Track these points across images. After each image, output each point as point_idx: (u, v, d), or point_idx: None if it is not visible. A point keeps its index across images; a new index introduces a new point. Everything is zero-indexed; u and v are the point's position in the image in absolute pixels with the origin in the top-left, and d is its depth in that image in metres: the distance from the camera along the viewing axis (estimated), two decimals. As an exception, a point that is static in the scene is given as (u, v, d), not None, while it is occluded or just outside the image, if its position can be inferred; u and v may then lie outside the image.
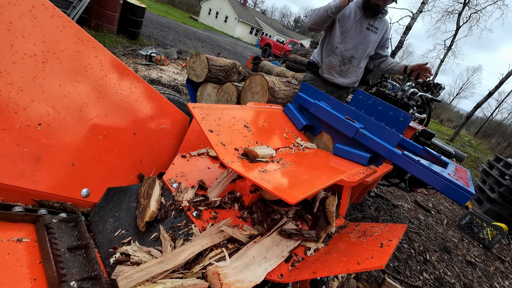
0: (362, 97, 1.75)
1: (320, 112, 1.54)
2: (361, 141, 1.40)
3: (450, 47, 20.33)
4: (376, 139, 1.37)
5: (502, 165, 5.37)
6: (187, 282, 0.77)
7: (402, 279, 2.36)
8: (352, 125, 1.41)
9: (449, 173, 1.20)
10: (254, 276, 0.83)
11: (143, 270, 0.75)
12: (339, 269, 0.90)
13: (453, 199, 1.08)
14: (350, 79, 2.52)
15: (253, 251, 0.91)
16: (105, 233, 0.91)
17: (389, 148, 1.33)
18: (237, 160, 1.03)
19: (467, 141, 18.04)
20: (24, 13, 0.84)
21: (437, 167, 1.24)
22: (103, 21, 6.28)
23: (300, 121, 1.57)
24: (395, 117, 1.61)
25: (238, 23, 38.94)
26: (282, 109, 1.67)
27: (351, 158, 1.38)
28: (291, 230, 1.05)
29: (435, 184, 1.14)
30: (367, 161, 1.34)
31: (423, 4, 10.66)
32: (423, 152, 1.57)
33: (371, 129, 1.44)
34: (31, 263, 0.72)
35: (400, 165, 1.26)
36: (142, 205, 1.00)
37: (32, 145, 0.84)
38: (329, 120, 1.51)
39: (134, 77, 1.15)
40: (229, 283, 0.76)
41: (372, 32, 2.38)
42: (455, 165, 1.52)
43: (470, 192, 1.06)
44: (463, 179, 1.23)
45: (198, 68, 2.04)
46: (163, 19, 17.39)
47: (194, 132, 1.36)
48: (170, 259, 0.81)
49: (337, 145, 1.45)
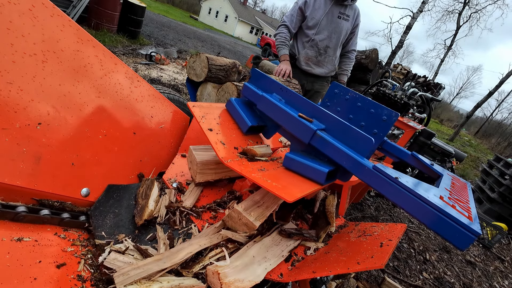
0: (338, 91, 1.41)
1: (268, 108, 1.12)
2: (319, 148, 0.97)
3: (450, 47, 20.32)
4: (337, 144, 0.93)
5: (502, 165, 5.37)
6: (185, 282, 0.76)
7: (402, 279, 2.36)
8: (306, 125, 0.99)
9: (442, 196, 0.82)
10: (254, 276, 0.82)
11: (141, 267, 0.75)
12: (339, 268, 0.90)
13: (448, 240, 0.71)
14: (328, 68, 2.62)
15: (253, 251, 0.91)
16: (105, 228, 0.91)
17: (354, 158, 0.89)
18: (236, 159, 1.03)
19: (467, 140, 18.03)
20: (24, 12, 0.84)
21: (424, 185, 0.88)
22: (103, 20, 6.28)
23: (245, 122, 1.15)
24: (376, 115, 1.27)
25: (238, 22, 38.91)
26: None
27: (303, 173, 0.98)
28: (291, 230, 1.05)
29: (421, 216, 0.76)
30: (324, 178, 0.92)
31: (423, 4, 10.66)
32: (412, 159, 1.29)
33: (335, 131, 1.01)
34: (31, 263, 0.72)
35: (369, 184, 0.86)
36: (140, 205, 1.00)
37: (32, 144, 0.84)
38: (278, 119, 1.09)
39: (134, 76, 1.15)
40: (229, 282, 0.75)
41: (344, 20, 2.43)
42: (451, 178, 1.17)
43: (473, 232, 0.68)
44: (462, 204, 0.86)
45: (198, 68, 2.04)
46: (163, 18, 17.38)
47: (194, 132, 1.36)
48: (168, 258, 0.81)
49: (288, 155, 1.01)
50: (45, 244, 0.79)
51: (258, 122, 1.19)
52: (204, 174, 1.11)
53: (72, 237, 0.87)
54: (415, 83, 9.51)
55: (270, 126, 1.23)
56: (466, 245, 0.69)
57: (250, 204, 0.98)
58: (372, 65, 7.37)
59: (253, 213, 0.94)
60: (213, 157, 1.12)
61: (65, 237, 0.85)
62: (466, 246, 0.70)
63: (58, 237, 0.83)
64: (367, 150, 0.93)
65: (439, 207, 0.73)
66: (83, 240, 0.88)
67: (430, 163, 1.20)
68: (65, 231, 0.87)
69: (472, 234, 0.68)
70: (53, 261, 0.75)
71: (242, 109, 1.19)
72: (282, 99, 1.16)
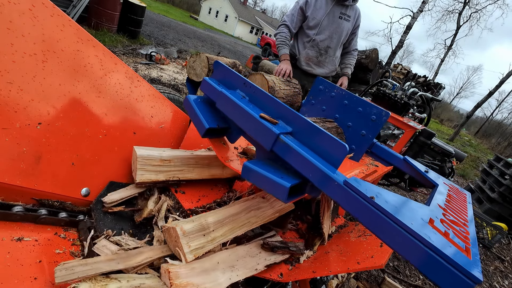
0: (323, 87, 1.27)
1: (227, 107, 0.91)
2: (281, 156, 0.77)
3: (450, 47, 20.31)
4: (302, 152, 0.72)
5: (502, 165, 5.38)
6: (147, 282, 0.70)
7: (401, 279, 2.36)
8: (268, 128, 0.78)
9: (433, 219, 0.65)
10: (214, 283, 0.74)
11: (89, 264, 0.69)
12: (338, 268, 0.90)
13: (440, 287, 0.51)
14: (328, 69, 2.62)
15: (219, 257, 0.83)
16: (106, 222, 0.92)
17: (321, 169, 0.68)
18: (236, 159, 1.03)
19: (467, 140, 18.03)
20: (24, 12, 0.84)
21: (411, 204, 0.70)
22: (103, 20, 6.27)
23: (202, 124, 0.94)
24: (365, 114, 1.13)
25: (238, 22, 38.90)
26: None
27: (263, 188, 0.76)
28: (275, 243, 0.95)
29: (403, 251, 0.56)
30: (286, 195, 0.70)
31: (423, 4, 10.65)
32: (404, 165, 1.15)
33: (304, 135, 0.80)
34: (31, 263, 0.72)
35: (339, 203, 0.66)
36: (139, 205, 1.01)
37: (32, 144, 0.84)
38: (237, 119, 0.88)
39: (134, 76, 1.15)
40: (180, 284, 0.69)
41: (345, 21, 2.43)
42: (448, 189, 0.99)
43: (472, 277, 0.48)
44: (458, 228, 0.69)
45: (198, 68, 2.04)
46: (163, 18, 17.37)
47: (195, 132, 1.36)
48: (123, 259, 0.75)
49: (246, 164, 0.78)
50: (45, 244, 0.79)
51: (219, 124, 0.98)
52: (145, 171, 0.98)
53: (72, 236, 0.87)
54: (415, 83, 9.51)
55: (233, 129, 1.01)
56: None
57: (196, 229, 0.82)
58: (372, 65, 7.36)
59: (192, 243, 0.79)
60: (158, 154, 1.02)
61: (65, 237, 0.85)
62: None
63: (58, 237, 0.84)
64: (340, 160, 0.73)
65: (425, 240, 0.53)
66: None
67: (424, 169, 1.07)
68: (65, 231, 0.87)
69: (470, 280, 0.49)
70: (53, 261, 0.75)
71: (201, 108, 0.99)
72: (245, 97, 0.95)
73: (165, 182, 1.04)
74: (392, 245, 0.58)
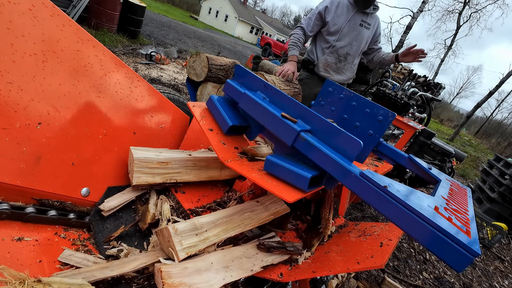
0: (333, 89, 1.34)
1: (250, 107, 1.03)
2: (302, 151, 0.88)
3: (450, 47, 20.32)
4: (322, 148, 0.84)
5: (502, 165, 5.38)
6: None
7: (402, 279, 2.36)
8: (290, 126, 0.90)
9: (438, 206, 0.74)
10: (207, 284, 0.74)
11: (82, 273, 0.69)
12: (338, 268, 0.90)
13: (443, 259, 0.63)
14: (346, 76, 2.59)
15: (214, 257, 0.82)
16: (105, 232, 0.91)
17: (339, 163, 0.79)
18: (236, 159, 1.03)
19: (467, 140, 18.04)
20: (24, 12, 0.84)
21: (418, 194, 0.78)
22: (103, 20, 6.27)
23: (226, 121, 1.06)
24: (372, 115, 1.21)
25: (238, 22, 38.90)
26: None
27: (285, 179, 0.88)
28: (271, 244, 0.95)
29: (412, 231, 0.67)
30: (307, 185, 0.83)
31: (423, 4, 10.65)
32: (409, 162, 1.22)
33: (321, 133, 0.92)
34: (31, 262, 0.72)
35: (356, 192, 0.78)
36: (140, 210, 1.00)
37: (32, 144, 0.84)
38: (260, 118, 1.00)
39: (134, 76, 1.15)
40: (173, 284, 0.68)
41: (365, 28, 2.42)
42: (450, 184, 1.07)
43: (472, 251, 0.59)
44: (460, 215, 0.77)
45: (198, 67, 2.04)
46: (163, 18, 17.37)
47: (194, 132, 1.36)
48: (116, 266, 0.74)
49: (269, 158, 0.92)
50: (45, 243, 0.79)
51: (240, 122, 1.09)
52: (142, 174, 0.99)
53: (72, 236, 0.87)
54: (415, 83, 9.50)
55: (253, 127, 1.13)
56: (462, 267, 0.61)
57: (188, 228, 0.84)
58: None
59: (184, 241, 0.80)
60: (155, 156, 1.03)
61: (65, 237, 0.85)
62: (462, 268, 0.61)
63: (58, 237, 0.84)
64: (353, 154, 0.85)
65: (432, 221, 0.63)
66: (83, 240, 0.88)
67: (427, 167, 1.14)
68: (66, 231, 0.87)
69: (470, 254, 0.59)
70: (54, 261, 0.75)
71: (224, 107, 1.10)
72: (266, 98, 1.07)
73: (162, 185, 1.05)
74: (404, 227, 0.68)
